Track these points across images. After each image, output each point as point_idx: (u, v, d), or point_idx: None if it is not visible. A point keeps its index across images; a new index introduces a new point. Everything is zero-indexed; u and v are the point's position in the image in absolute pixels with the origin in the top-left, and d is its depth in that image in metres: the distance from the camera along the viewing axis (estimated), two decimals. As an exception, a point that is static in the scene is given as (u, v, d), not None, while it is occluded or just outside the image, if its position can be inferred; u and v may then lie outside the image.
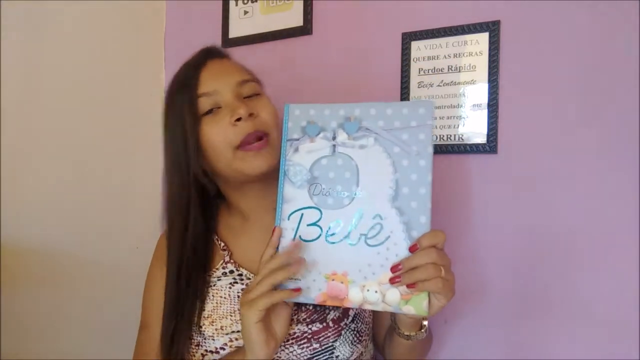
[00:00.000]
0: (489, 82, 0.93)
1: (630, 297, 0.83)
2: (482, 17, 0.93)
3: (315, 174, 0.68)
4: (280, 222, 0.69)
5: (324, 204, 0.68)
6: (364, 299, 0.65)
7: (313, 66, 1.11)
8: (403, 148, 0.65)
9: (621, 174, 0.84)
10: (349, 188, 0.67)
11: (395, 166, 0.65)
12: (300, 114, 0.70)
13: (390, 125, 0.66)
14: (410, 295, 0.63)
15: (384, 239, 0.65)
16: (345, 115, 0.68)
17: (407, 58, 1.00)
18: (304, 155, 0.69)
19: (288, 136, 0.70)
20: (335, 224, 0.67)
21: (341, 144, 0.68)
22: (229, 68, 0.83)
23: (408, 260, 0.63)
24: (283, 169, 0.70)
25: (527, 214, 0.91)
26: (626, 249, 0.83)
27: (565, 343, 0.88)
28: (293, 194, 0.69)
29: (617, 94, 0.84)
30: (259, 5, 1.17)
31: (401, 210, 0.65)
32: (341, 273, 0.66)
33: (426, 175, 0.64)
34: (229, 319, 0.78)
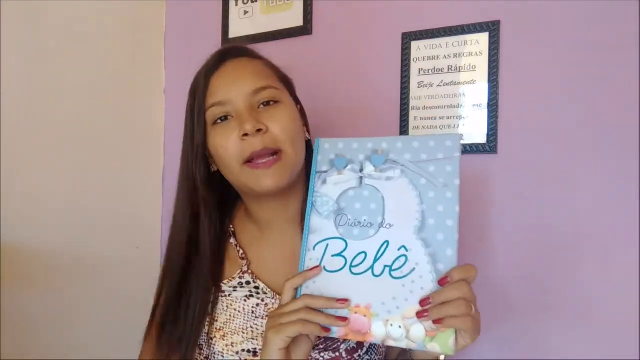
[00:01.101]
0: (489, 82, 0.93)
1: (630, 297, 0.83)
2: (482, 17, 0.93)
3: (342, 205, 0.68)
4: (306, 252, 0.68)
5: (350, 234, 0.67)
6: (387, 334, 0.62)
7: (313, 66, 1.11)
8: (430, 180, 0.65)
9: (621, 174, 0.84)
10: (375, 219, 0.66)
11: (421, 198, 0.65)
12: (329, 147, 0.71)
13: (417, 157, 0.66)
14: (435, 331, 0.60)
15: (409, 271, 0.63)
16: (372, 148, 0.68)
17: (407, 58, 1.00)
18: (331, 187, 0.69)
19: (317, 169, 0.70)
20: (360, 254, 0.66)
21: (368, 176, 0.68)
22: (244, 72, 0.76)
23: (438, 293, 0.60)
24: (311, 200, 0.70)
25: (527, 213, 0.91)
26: (626, 249, 0.83)
27: (566, 343, 0.88)
28: (320, 224, 0.69)
29: (617, 93, 0.84)
30: (259, 5, 1.17)
31: (427, 242, 0.63)
32: (364, 306, 0.64)
33: (453, 207, 0.63)
34: (240, 335, 0.74)
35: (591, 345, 0.86)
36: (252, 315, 0.75)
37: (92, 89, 1.14)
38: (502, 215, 0.93)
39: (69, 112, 1.10)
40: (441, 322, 0.59)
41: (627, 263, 0.83)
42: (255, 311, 0.75)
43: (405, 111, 1.00)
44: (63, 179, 1.09)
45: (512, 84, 0.92)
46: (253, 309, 0.76)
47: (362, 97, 1.06)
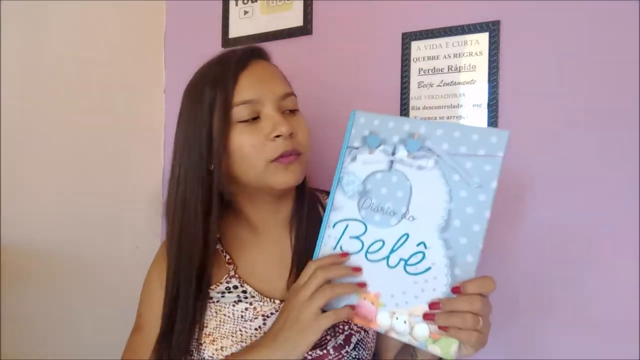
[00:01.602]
0: (489, 82, 0.93)
1: (630, 297, 0.83)
2: (482, 17, 0.93)
3: (367, 187, 0.65)
4: (326, 229, 0.67)
5: (371, 219, 0.65)
6: (391, 326, 0.62)
7: (313, 66, 1.11)
8: (463, 177, 0.60)
9: (621, 174, 0.84)
10: (399, 208, 0.63)
11: (451, 195, 0.60)
12: (364, 122, 0.67)
13: (455, 149, 0.61)
14: (439, 335, 0.59)
15: (425, 269, 0.61)
16: (409, 131, 0.63)
17: (407, 58, 1.00)
18: (360, 165, 0.66)
19: (349, 143, 0.67)
20: (378, 242, 0.64)
21: (399, 161, 0.64)
22: (273, 75, 0.77)
23: (449, 301, 0.58)
24: (338, 175, 0.67)
25: (527, 214, 0.91)
26: (626, 249, 0.83)
27: (565, 343, 0.88)
28: (342, 202, 0.66)
29: (617, 93, 0.84)
30: (259, 5, 1.17)
31: (448, 243, 0.60)
32: (373, 293, 0.63)
33: (484, 211, 0.59)
34: (230, 339, 0.74)
35: (591, 345, 0.86)
36: (241, 320, 0.75)
37: (92, 89, 1.14)
38: (502, 215, 0.93)
39: (69, 112, 1.10)
40: (446, 330, 0.58)
41: (627, 263, 0.83)
42: (244, 315, 0.75)
43: (405, 111, 1.00)
44: (63, 179, 1.09)
45: (512, 84, 0.92)
46: (242, 313, 0.76)
47: (362, 97, 1.06)
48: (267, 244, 0.82)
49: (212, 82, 0.74)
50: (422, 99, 0.99)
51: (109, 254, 1.16)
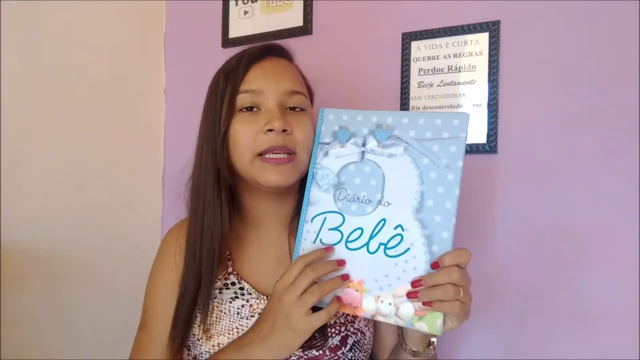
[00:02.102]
0: (489, 82, 0.93)
1: (630, 297, 0.83)
2: (482, 17, 0.93)
3: (341, 179, 0.68)
4: (304, 224, 0.69)
5: (348, 209, 0.67)
6: (377, 309, 0.64)
7: (313, 66, 1.11)
8: (432, 160, 0.63)
9: (621, 173, 0.84)
10: (374, 196, 0.66)
11: (422, 177, 0.64)
12: (333, 118, 0.70)
13: (422, 135, 0.64)
14: (424, 312, 0.62)
15: (404, 250, 0.63)
16: (377, 122, 0.67)
17: (407, 58, 1.00)
18: (332, 159, 0.69)
19: (320, 139, 0.70)
20: (357, 230, 0.66)
21: (370, 151, 0.67)
22: (284, 71, 0.78)
23: (429, 277, 0.61)
24: (312, 171, 0.69)
25: (527, 214, 0.91)
26: (626, 249, 0.83)
27: (565, 343, 0.88)
28: (318, 197, 0.69)
29: (617, 93, 0.84)
30: (259, 5, 1.17)
31: (424, 223, 0.63)
32: (357, 281, 0.65)
33: (453, 189, 0.62)
34: (226, 336, 0.74)
35: (591, 345, 0.86)
36: (238, 317, 0.75)
37: (92, 89, 1.14)
38: (502, 216, 0.93)
39: (69, 112, 1.10)
40: (430, 305, 0.60)
41: (627, 263, 0.83)
42: (241, 312, 0.76)
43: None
44: (63, 179, 1.09)
45: (512, 84, 0.92)
46: (238, 310, 0.76)
47: (362, 97, 1.06)
48: (266, 242, 0.82)
49: (226, 74, 0.77)
50: (422, 99, 0.99)
51: (109, 254, 1.16)
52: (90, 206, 1.14)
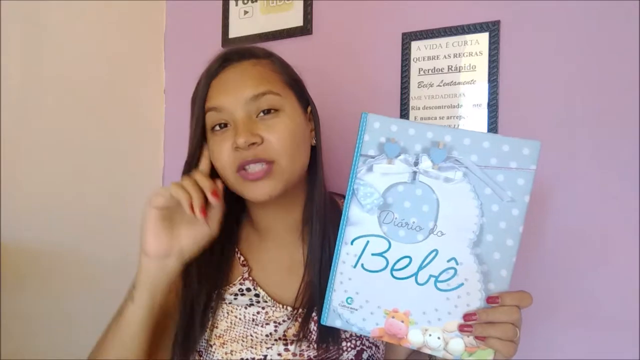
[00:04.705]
0: (489, 82, 0.93)
1: (630, 297, 0.83)
2: (482, 17, 0.93)
3: (388, 201, 0.61)
4: (342, 245, 0.62)
5: (395, 235, 0.61)
6: (424, 342, 0.60)
7: (313, 66, 1.11)
8: (495, 191, 0.58)
9: (621, 173, 0.84)
10: (425, 223, 0.60)
11: (482, 209, 0.58)
12: (379, 128, 0.61)
13: (485, 161, 0.58)
14: (475, 348, 0.59)
15: (457, 285, 0.59)
16: (433, 139, 0.59)
17: (407, 58, 1.00)
18: (378, 176, 0.61)
19: (362, 151, 0.61)
20: (405, 258, 0.61)
21: (424, 173, 0.59)
22: (243, 78, 0.73)
23: (485, 312, 0.58)
24: (352, 187, 0.62)
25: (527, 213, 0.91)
26: (626, 249, 0.83)
27: (565, 343, 0.88)
28: (360, 217, 0.61)
29: (617, 93, 0.84)
30: (259, 5, 1.17)
31: (481, 258, 0.58)
32: (403, 312, 0.61)
33: (517, 226, 0.57)
34: (240, 343, 0.73)
35: (591, 345, 0.86)
36: (252, 324, 0.74)
37: (92, 89, 1.14)
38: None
39: (69, 112, 1.10)
40: (484, 341, 0.58)
41: (627, 263, 0.83)
42: (256, 319, 0.75)
43: (405, 111, 1.00)
44: (63, 179, 1.09)
45: (512, 84, 0.92)
46: (253, 317, 0.75)
47: (362, 97, 1.06)
48: (277, 249, 0.80)
49: (193, 97, 0.76)
50: (422, 99, 0.99)
51: (108, 254, 1.16)
52: (90, 206, 1.14)
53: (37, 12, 1.04)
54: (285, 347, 0.72)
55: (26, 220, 1.02)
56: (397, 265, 0.61)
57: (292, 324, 0.74)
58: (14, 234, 0.99)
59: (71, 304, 1.10)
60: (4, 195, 0.98)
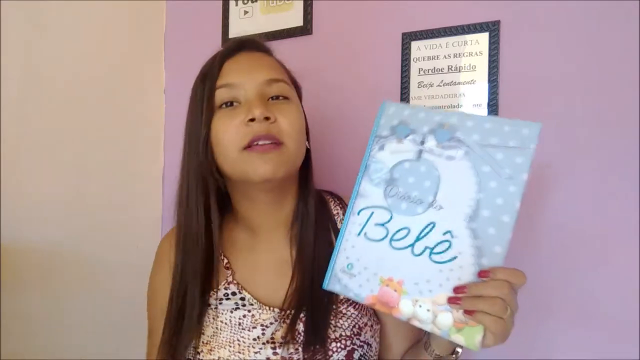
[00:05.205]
0: (489, 82, 0.93)
1: (630, 297, 0.83)
2: (482, 17, 0.93)
3: (394, 175, 0.64)
4: (350, 215, 0.66)
5: (397, 207, 0.64)
6: (414, 313, 0.61)
7: (313, 66, 1.11)
8: (494, 168, 0.60)
9: (621, 173, 0.84)
10: (426, 197, 0.62)
11: (480, 185, 0.60)
12: (393, 112, 0.67)
13: (486, 140, 0.60)
14: (463, 324, 0.59)
15: (450, 258, 0.60)
16: (439, 121, 0.63)
17: (407, 58, 1.00)
18: (388, 154, 0.65)
19: (377, 132, 0.67)
20: (403, 229, 0.63)
21: (428, 151, 0.63)
22: (260, 63, 0.75)
23: (476, 285, 0.57)
24: (365, 163, 0.66)
25: (527, 213, 0.91)
26: (626, 249, 0.83)
27: (565, 343, 0.88)
28: (369, 190, 0.66)
29: (617, 93, 0.84)
30: (259, 5, 1.17)
31: (476, 233, 0.59)
32: (397, 281, 0.62)
33: (514, 202, 0.58)
34: (227, 349, 0.71)
35: (591, 345, 0.86)
36: (239, 328, 0.73)
37: (92, 89, 1.14)
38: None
39: (69, 112, 1.10)
40: (472, 315, 0.57)
41: (627, 263, 0.83)
42: (242, 323, 0.73)
43: (405, 111, 1.00)
44: (63, 179, 1.09)
45: (512, 84, 0.92)
46: (240, 321, 0.73)
47: (362, 97, 1.06)
48: (264, 248, 0.78)
49: (202, 75, 0.75)
50: (422, 99, 0.99)
51: (108, 254, 1.16)
52: (90, 206, 1.14)
53: (37, 12, 1.04)
54: (274, 351, 0.71)
55: (26, 220, 1.02)
56: (396, 235, 0.63)
57: (279, 326, 0.72)
58: (14, 234, 0.99)
59: (71, 304, 1.10)
60: (4, 195, 0.98)
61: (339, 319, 0.73)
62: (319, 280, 0.69)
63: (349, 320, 0.73)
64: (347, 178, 1.07)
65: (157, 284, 0.83)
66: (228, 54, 0.75)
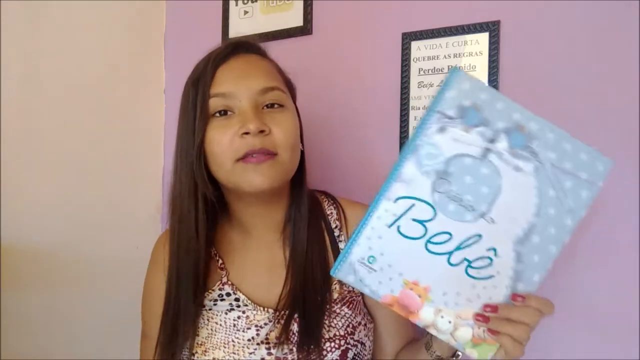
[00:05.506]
0: (489, 82, 0.93)
1: (630, 297, 0.83)
2: (482, 17, 0.93)
3: (450, 169, 0.55)
4: (383, 200, 0.56)
5: (444, 207, 0.56)
6: (433, 322, 0.58)
7: (313, 66, 1.11)
8: (559, 196, 0.55)
9: (621, 173, 0.84)
10: (479, 205, 0.55)
11: (539, 209, 0.55)
12: (468, 89, 0.55)
13: (560, 163, 0.55)
14: (481, 341, 0.57)
15: (487, 276, 0.57)
16: (517, 121, 0.55)
17: (407, 58, 1.00)
18: (448, 140, 0.55)
19: (440, 107, 0.55)
20: (445, 234, 0.56)
21: (496, 153, 0.55)
22: (254, 69, 0.73)
23: (508, 308, 0.56)
24: (414, 142, 0.55)
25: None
26: (626, 249, 0.83)
27: (565, 343, 0.88)
28: (413, 177, 0.55)
29: (617, 93, 0.84)
30: (259, 5, 1.17)
31: (520, 257, 0.56)
32: (423, 286, 0.57)
33: (565, 236, 0.56)
34: (222, 350, 0.71)
35: (591, 345, 0.86)
36: (234, 329, 0.73)
37: (92, 89, 1.14)
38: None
39: (68, 112, 1.10)
40: (496, 335, 0.57)
41: (627, 263, 0.83)
42: (237, 324, 0.73)
43: (405, 111, 1.00)
44: (63, 179, 1.09)
45: (512, 84, 0.92)
46: (234, 322, 0.73)
47: (362, 97, 1.06)
48: (259, 249, 0.79)
49: (194, 80, 0.73)
50: (422, 99, 0.99)
51: (108, 254, 1.16)
52: (90, 206, 1.14)
53: (37, 12, 1.04)
54: (268, 351, 0.71)
55: (26, 220, 1.02)
56: (435, 238, 0.56)
57: (274, 326, 0.72)
58: (14, 234, 0.99)
59: (71, 304, 1.10)
60: (4, 195, 0.98)
61: (333, 319, 0.73)
62: (313, 281, 0.69)
63: (343, 319, 0.73)
64: (344, 178, 1.07)
65: (152, 285, 0.83)
66: (222, 58, 0.73)
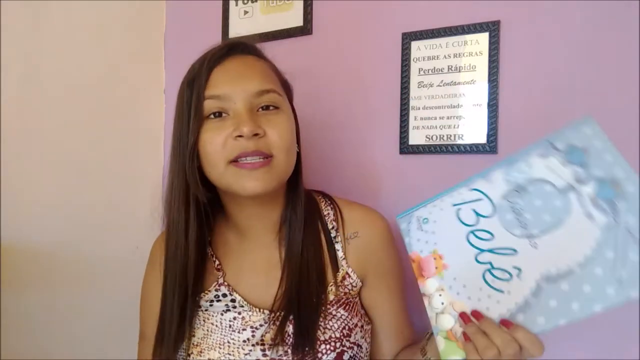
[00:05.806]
0: (489, 82, 0.93)
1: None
2: (482, 17, 0.93)
3: (528, 187, 0.59)
4: (462, 186, 0.63)
5: (503, 213, 0.60)
6: (431, 295, 0.62)
7: (313, 66, 1.11)
8: (616, 263, 0.53)
9: (621, 174, 0.84)
10: (532, 227, 0.58)
11: (587, 261, 0.54)
12: (588, 135, 0.57)
13: (635, 230, 0.53)
14: (454, 339, 0.60)
15: (498, 289, 0.59)
16: (615, 177, 0.55)
17: (407, 58, 1.00)
18: (542, 165, 0.59)
19: (552, 139, 0.59)
20: (488, 233, 0.60)
21: (579, 193, 0.56)
22: (250, 71, 0.72)
23: (491, 325, 0.57)
24: (517, 158, 0.61)
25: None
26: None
27: (566, 343, 0.88)
28: (496, 181, 0.61)
29: (617, 93, 0.84)
30: (259, 5, 1.17)
31: (539, 292, 0.56)
32: (444, 262, 0.62)
33: (597, 304, 0.54)
34: (217, 350, 0.71)
35: (591, 345, 0.86)
36: (229, 330, 0.73)
37: (92, 89, 1.14)
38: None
39: (68, 112, 1.10)
40: (466, 341, 0.59)
41: (627, 263, 0.83)
42: (233, 325, 0.73)
43: (405, 111, 1.00)
44: (63, 179, 1.09)
45: (512, 84, 0.92)
46: (230, 323, 0.73)
47: (362, 97, 1.06)
48: (255, 250, 0.78)
49: (189, 81, 0.73)
50: (422, 99, 0.99)
51: (108, 254, 1.16)
52: (90, 206, 1.14)
53: (37, 12, 1.04)
54: (264, 353, 0.71)
55: (26, 220, 1.02)
56: (480, 233, 0.61)
57: (269, 328, 0.72)
58: (14, 234, 0.99)
59: (71, 304, 1.10)
60: (4, 195, 0.98)
61: (329, 321, 0.72)
62: (308, 282, 0.69)
63: (339, 321, 0.73)
64: (343, 178, 1.07)
65: (149, 285, 0.83)
66: (217, 59, 0.72)
